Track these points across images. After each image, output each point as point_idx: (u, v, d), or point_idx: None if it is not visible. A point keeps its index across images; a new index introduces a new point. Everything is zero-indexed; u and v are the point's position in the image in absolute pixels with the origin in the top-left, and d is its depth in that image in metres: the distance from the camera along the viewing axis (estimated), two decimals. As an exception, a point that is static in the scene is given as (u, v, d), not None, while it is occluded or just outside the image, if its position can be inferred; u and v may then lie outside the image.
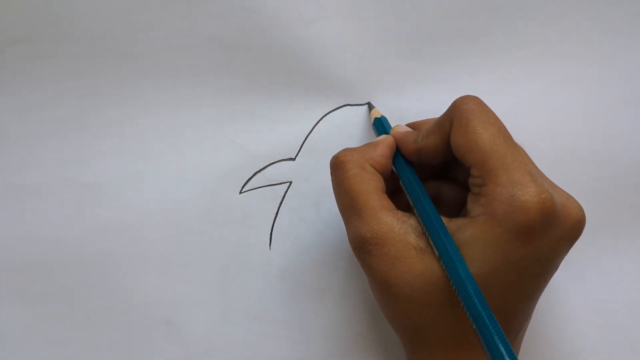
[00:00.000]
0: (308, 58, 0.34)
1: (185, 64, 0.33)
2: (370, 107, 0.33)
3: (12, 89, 0.33)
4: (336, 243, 0.33)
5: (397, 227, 0.25)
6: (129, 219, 0.33)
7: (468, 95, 0.26)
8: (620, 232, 0.35)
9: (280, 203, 0.34)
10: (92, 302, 0.32)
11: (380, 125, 0.31)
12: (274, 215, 0.34)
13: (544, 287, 0.26)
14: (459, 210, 0.30)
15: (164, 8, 0.33)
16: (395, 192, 0.30)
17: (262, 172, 0.34)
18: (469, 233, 0.24)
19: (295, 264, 0.33)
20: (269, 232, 0.33)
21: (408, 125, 0.31)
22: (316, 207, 0.34)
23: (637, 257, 0.35)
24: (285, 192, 0.34)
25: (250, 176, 0.34)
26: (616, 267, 0.35)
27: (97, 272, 0.32)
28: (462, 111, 0.26)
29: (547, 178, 0.27)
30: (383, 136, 0.29)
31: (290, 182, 0.34)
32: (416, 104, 0.34)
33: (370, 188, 0.26)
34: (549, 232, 0.24)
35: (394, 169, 0.29)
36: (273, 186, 0.34)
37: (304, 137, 0.34)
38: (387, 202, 0.26)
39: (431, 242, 0.25)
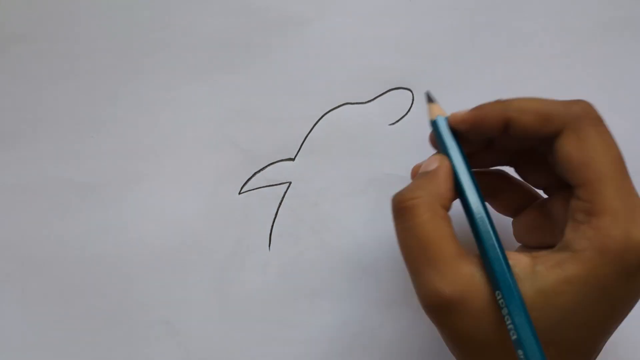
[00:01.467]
0: (308, 58, 0.34)
1: (185, 64, 0.33)
2: (430, 99, 0.28)
3: (10, 89, 0.33)
4: (335, 243, 0.33)
5: (477, 277, 0.22)
6: (128, 219, 0.33)
7: (587, 102, 0.24)
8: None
9: (280, 203, 0.34)
10: (91, 302, 0.32)
11: (437, 131, 0.26)
12: (274, 216, 0.33)
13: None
14: (510, 209, 0.28)
15: (163, 7, 0.33)
16: None
17: (262, 172, 0.34)
18: (572, 270, 0.21)
19: (294, 264, 0.33)
20: (269, 232, 0.33)
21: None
22: (316, 208, 0.34)
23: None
24: (285, 192, 0.34)
25: (249, 176, 0.34)
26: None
27: (96, 272, 0.33)
28: (581, 119, 0.23)
29: None
30: (439, 159, 0.25)
31: (290, 183, 0.34)
32: (417, 102, 0.34)
33: (444, 234, 0.23)
34: None
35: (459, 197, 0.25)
36: (272, 186, 0.34)
37: (304, 137, 0.34)
38: (460, 248, 0.23)
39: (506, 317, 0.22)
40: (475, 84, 0.34)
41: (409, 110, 0.34)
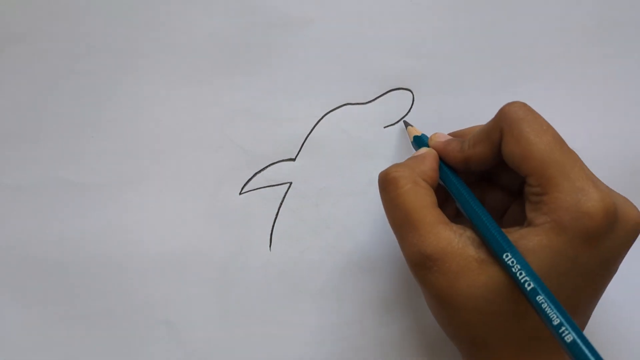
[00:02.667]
0: (308, 58, 0.34)
1: (185, 64, 0.33)
2: (406, 124, 0.33)
3: (9, 89, 0.32)
4: (336, 244, 0.33)
5: (456, 241, 0.25)
6: (129, 219, 0.33)
7: (515, 102, 0.26)
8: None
9: (281, 204, 0.34)
10: (91, 302, 0.32)
11: (421, 142, 0.31)
12: (274, 216, 0.33)
13: (605, 287, 0.27)
14: (502, 215, 0.30)
15: (164, 8, 0.33)
16: (441, 205, 0.29)
17: (262, 172, 0.34)
18: (535, 241, 0.24)
19: (295, 264, 0.33)
20: (269, 232, 0.33)
21: (450, 134, 0.31)
22: (316, 208, 0.34)
23: None
24: (286, 192, 0.34)
25: (250, 177, 0.34)
26: (621, 266, 0.35)
27: (96, 272, 0.32)
28: (512, 120, 0.25)
29: (602, 182, 0.27)
30: (426, 149, 0.29)
31: (291, 183, 0.34)
32: (417, 102, 0.34)
33: (425, 203, 0.26)
34: (612, 235, 0.24)
35: (441, 181, 0.29)
36: (273, 187, 0.34)
37: (304, 137, 0.34)
38: (442, 216, 0.26)
39: (493, 252, 0.25)
40: (475, 84, 0.34)
41: (409, 110, 0.34)
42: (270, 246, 0.33)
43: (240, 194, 0.33)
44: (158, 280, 0.33)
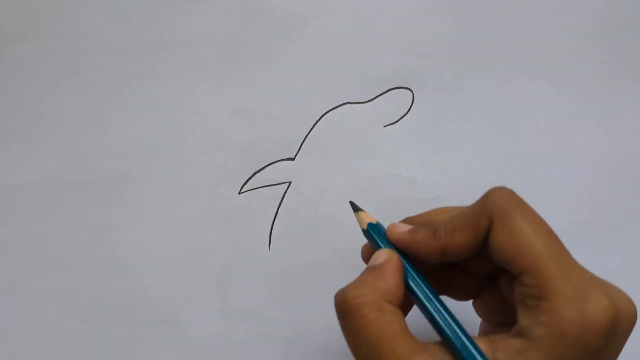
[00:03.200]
0: (308, 57, 0.34)
1: (184, 63, 0.33)
2: (355, 208, 0.28)
3: (9, 88, 0.32)
4: (335, 243, 0.33)
5: None
6: (129, 219, 0.33)
7: (505, 188, 0.23)
8: (623, 233, 0.35)
9: (280, 203, 0.34)
10: (91, 302, 0.32)
11: (378, 233, 0.26)
12: (274, 216, 0.33)
13: None
14: (467, 295, 0.27)
15: (162, 7, 0.33)
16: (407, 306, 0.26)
17: (262, 172, 0.34)
18: (535, 359, 0.21)
19: (294, 264, 0.33)
20: (269, 232, 0.33)
21: (409, 220, 0.27)
22: (315, 208, 0.34)
23: None
24: (285, 192, 0.34)
25: (249, 176, 0.34)
26: (619, 267, 0.35)
27: (96, 272, 0.33)
28: (504, 208, 0.22)
29: (599, 278, 0.24)
30: (386, 254, 0.25)
31: (290, 183, 0.34)
32: (417, 101, 0.34)
33: (394, 331, 0.22)
34: (615, 338, 0.21)
35: (408, 293, 0.24)
36: (272, 186, 0.34)
37: (304, 137, 0.34)
38: (415, 342, 0.22)
39: None
40: (475, 84, 0.34)
41: (409, 109, 0.34)
42: (269, 246, 0.33)
43: (239, 193, 0.33)
44: (158, 280, 0.33)
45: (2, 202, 0.32)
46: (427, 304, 0.23)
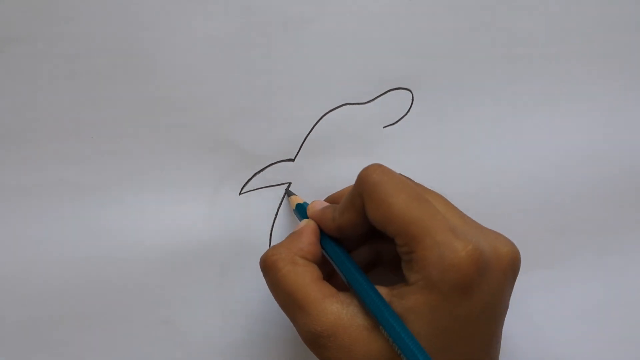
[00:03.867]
0: (308, 58, 0.34)
1: (184, 64, 0.33)
2: (289, 193, 0.33)
3: (9, 89, 0.32)
4: (336, 244, 0.33)
5: (344, 313, 0.25)
6: (128, 219, 0.33)
7: (370, 166, 0.26)
8: (623, 233, 0.35)
9: (280, 204, 0.34)
10: (91, 302, 0.32)
11: (302, 211, 0.31)
12: (274, 216, 0.34)
13: (502, 325, 0.27)
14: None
15: (162, 8, 0.33)
16: (334, 272, 0.29)
17: (262, 172, 0.34)
18: (412, 300, 0.24)
19: (294, 264, 0.33)
20: (269, 232, 0.33)
21: (328, 198, 0.32)
22: (316, 208, 0.34)
23: None
24: (285, 193, 0.34)
25: (250, 177, 0.34)
26: (619, 267, 0.35)
27: (96, 272, 0.33)
28: (369, 184, 0.26)
29: (472, 222, 0.27)
30: (304, 222, 0.29)
31: (290, 183, 0.34)
32: (417, 102, 0.34)
33: (307, 280, 0.26)
34: (487, 278, 0.24)
35: (324, 252, 0.29)
36: (273, 187, 0.34)
37: (304, 138, 0.34)
38: (327, 288, 0.26)
39: (377, 320, 0.25)
40: (475, 84, 0.34)
41: (408, 110, 0.34)
42: (269, 246, 0.33)
43: (239, 194, 0.34)
44: (158, 280, 0.33)
45: (2, 202, 0.32)
46: (333, 257, 0.28)
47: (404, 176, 0.29)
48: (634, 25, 0.35)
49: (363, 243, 0.31)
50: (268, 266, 0.27)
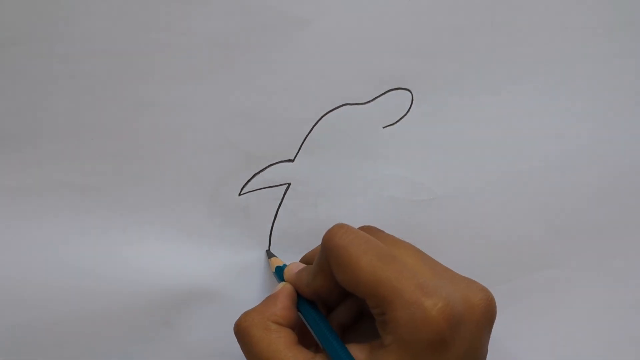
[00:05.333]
0: (307, 58, 0.34)
1: (183, 64, 0.33)
2: (269, 254, 0.33)
3: (8, 90, 0.33)
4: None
5: None
6: (128, 221, 0.33)
7: (334, 228, 0.26)
8: (623, 233, 0.35)
9: (280, 204, 0.34)
10: (91, 302, 0.33)
11: (281, 273, 0.31)
12: (273, 217, 0.34)
13: None
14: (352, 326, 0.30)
15: (162, 8, 0.33)
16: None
17: (261, 173, 0.34)
18: None
19: (294, 265, 0.33)
20: (269, 233, 0.33)
21: (303, 258, 0.32)
22: (315, 209, 0.34)
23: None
24: (284, 193, 0.34)
25: (249, 178, 0.34)
26: (622, 267, 0.35)
27: (96, 272, 0.33)
28: (332, 250, 0.26)
29: (443, 271, 0.27)
30: (281, 285, 0.29)
31: (289, 184, 0.34)
32: (416, 102, 0.34)
33: (280, 347, 0.26)
34: (461, 332, 0.24)
35: (300, 315, 0.29)
36: (272, 188, 0.34)
37: (303, 138, 0.34)
38: (302, 354, 0.26)
39: None
40: (474, 83, 0.34)
41: (408, 110, 0.34)
42: (269, 246, 0.33)
43: (239, 195, 0.34)
44: (158, 281, 0.33)
45: (2, 203, 0.33)
46: (309, 322, 0.28)
47: (373, 229, 0.30)
48: (634, 25, 0.35)
49: (345, 298, 0.30)
50: (240, 333, 0.27)
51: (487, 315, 0.25)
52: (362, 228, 0.30)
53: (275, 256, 0.33)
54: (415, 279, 0.24)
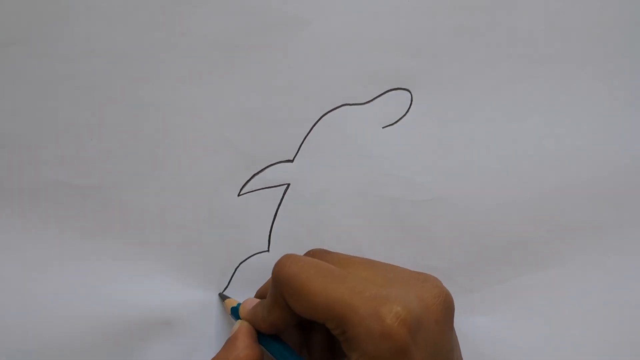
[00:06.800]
0: (307, 59, 0.34)
1: (183, 65, 0.33)
2: (223, 297, 0.33)
3: (8, 91, 0.33)
4: (334, 244, 0.33)
5: None
6: (128, 221, 0.33)
7: (281, 260, 0.27)
8: (623, 233, 0.35)
9: (279, 205, 0.34)
10: (91, 303, 0.33)
11: (236, 312, 0.31)
12: (273, 217, 0.34)
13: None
14: (330, 351, 0.30)
15: (162, 9, 0.33)
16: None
17: (261, 174, 0.34)
18: None
19: (293, 265, 0.33)
20: (268, 234, 0.34)
21: (257, 293, 0.32)
22: (314, 209, 0.34)
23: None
24: (284, 194, 0.34)
25: (248, 178, 0.34)
26: (621, 266, 0.35)
27: (96, 273, 0.33)
28: (284, 280, 0.26)
29: (396, 275, 0.28)
30: (238, 324, 0.29)
31: (289, 184, 0.34)
32: (416, 102, 0.34)
33: None
34: (422, 334, 0.24)
35: (264, 349, 0.29)
36: (271, 188, 0.34)
37: (302, 139, 0.34)
38: None
39: None
40: (475, 84, 0.34)
41: (407, 110, 0.34)
42: (269, 247, 0.34)
43: (238, 195, 0.34)
44: (158, 282, 0.33)
45: (1, 204, 0.33)
46: (274, 355, 0.28)
47: (321, 251, 0.30)
48: (634, 25, 0.35)
49: (294, 329, 0.30)
50: None
51: (444, 312, 0.26)
52: (309, 253, 0.31)
53: (228, 297, 0.33)
54: (367, 292, 0.25)
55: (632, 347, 0.35)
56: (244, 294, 0.33)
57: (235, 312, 0.31)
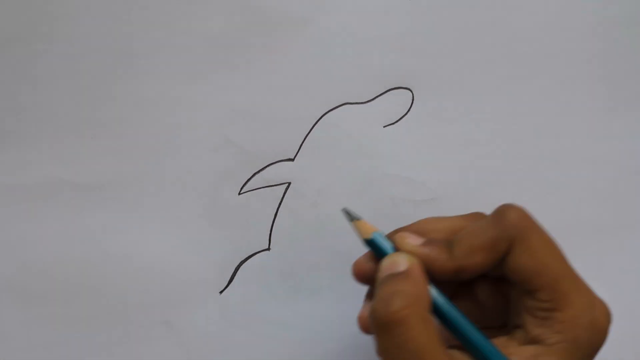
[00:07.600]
0: (307, 58, 0.34)
1: (184, 64, 0.33)
2: (352, 217, 0.26)
3: (8, 89, 0.32)
4: (335, 244, 0.33)
5: None
6: (128, 219, 0.33)
7: (517, 208, 0.24)
8: (623, 233, 0.35)
9: (279, 204, 0.34)
10: (91, 302, 0.32)
11: (385, 242, 0.25)
12: (273, 216, 0.34)
13: None
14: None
15: (162, 7, 0.33)
16: None
17: (261, 172, 0.34)
18: None
19: (294, 264, 0.33)
20: (268, 232, 0.33)
21: (405, 229, 0.26)
22: (315, 208, 0.34)
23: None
24: (284, 193, 0.34)
25: (249, 177, 0.34)
26: (619, 267, 0.35)
27: (96, 273, 0.33)
28: (522, 230, 0.23)
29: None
30: (407, 261, 0.24)
31: (289, 183, 0.34)
32: (417, 101, 0.34)
33: (437, 344, 0.22)
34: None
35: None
36: (272, 187, 0.34)
37: (303, 137, 0.34)
38: (446, 351, 0.22)
39: None
40: (475, 84, 0.34)
41: (408, 110, 0.34)
42: (269, 246, 0.33)
43: (239, 194, 0.34)
44: (158, 281, 0.33)
45: (1, 202, 0.33)
46: (450, 312, 0.23)
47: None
48: (634, 25, 0.35)
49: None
50: (395, 323, 0.21)
51: (605, 338, 0.24)
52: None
53: (359, 218, 0.26)
54: (584, 282, 0.24)
55: (632, 347, 0.35)
56: (245, 293, 0.33)
57: (379, 237, 0.25)
